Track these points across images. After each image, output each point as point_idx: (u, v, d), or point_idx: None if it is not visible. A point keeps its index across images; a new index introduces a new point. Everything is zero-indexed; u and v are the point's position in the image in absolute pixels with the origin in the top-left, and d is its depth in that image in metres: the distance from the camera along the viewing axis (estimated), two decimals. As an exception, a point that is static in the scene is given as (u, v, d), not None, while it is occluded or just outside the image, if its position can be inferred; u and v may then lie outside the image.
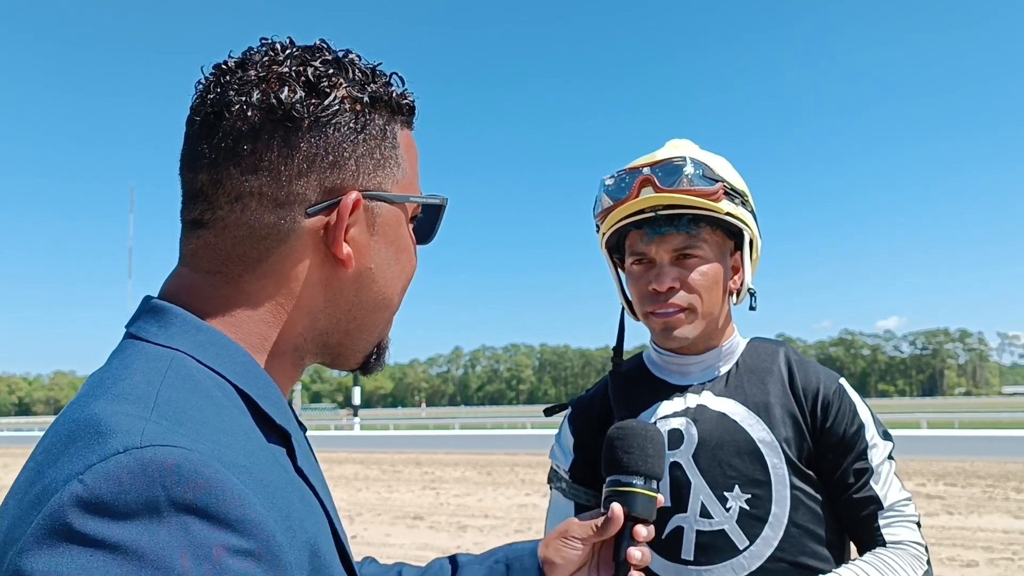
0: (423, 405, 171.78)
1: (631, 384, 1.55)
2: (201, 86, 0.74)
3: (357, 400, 40.14)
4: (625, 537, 1.10)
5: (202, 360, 0.67)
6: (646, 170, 1.42)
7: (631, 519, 1.11)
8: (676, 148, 1.50)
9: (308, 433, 0.88)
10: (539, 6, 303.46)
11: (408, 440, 25.00)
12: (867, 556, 1.35)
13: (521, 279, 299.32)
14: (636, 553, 1.08)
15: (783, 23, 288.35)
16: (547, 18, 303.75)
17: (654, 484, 1.15)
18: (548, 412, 1.66)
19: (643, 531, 1.10)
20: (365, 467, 17.60)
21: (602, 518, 1.11)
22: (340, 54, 0.77)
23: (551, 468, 1.62)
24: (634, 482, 1.14)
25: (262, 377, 0.71)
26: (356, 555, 1.12)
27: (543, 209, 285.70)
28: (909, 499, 1.42)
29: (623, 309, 1.60)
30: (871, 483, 1.39)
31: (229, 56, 0.75)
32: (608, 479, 1.17)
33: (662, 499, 1.16)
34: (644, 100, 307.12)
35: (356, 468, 17.33)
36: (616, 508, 1.11)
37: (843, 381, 1.48)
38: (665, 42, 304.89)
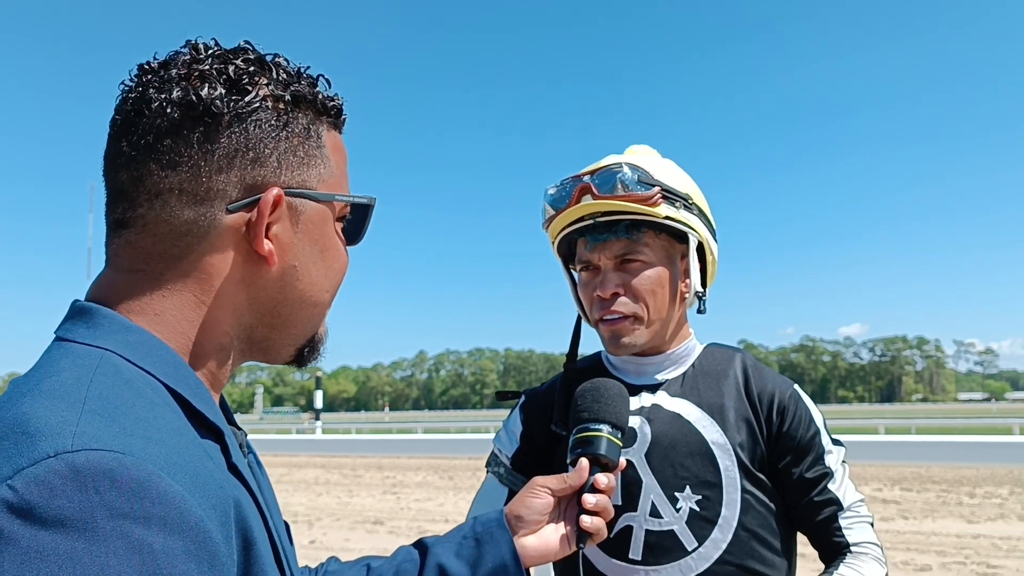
0: (387, 409, 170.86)
1: (587, 378, 1.52)
2: (125, 86, 0.74)
3: (319, 404, 39.74)
4: (587, 486, 1.15)
5: (131, 359, 0.66)
6: (586, 178, 1.44)
7: (596, 465, 1.17)
8: (631, 154, 1.50)
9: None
10: (502, 12, 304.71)
11: (370, 444, 24.82)
12: (841, 568, 1.36)
13: (486, 283, 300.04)
14: (591, 499, 1.13)
15: (741, 39, 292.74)
16: (510, 24, 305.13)
17: (619, 434, 1.22)
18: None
19: (603, 480, 1.15)
20: (326, 471, 17.43)
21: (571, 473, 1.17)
22: (266, 55, 0.77)
23: (491, 452, 1.61)
24: (601, 428, 1.20)
25: (191, 376, 0.71)
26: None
27: (510, 213, 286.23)
28: (863, 500, 1.45)
29: (579, 315, 1.60)
30: (829, 486, 1.41)
31: (154, 57, 0.75)
32: (575, 428, 1.23)
33: (624, 463, 1.23)
34: (616, 108, 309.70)
35: (317, 472, 17.15)
36: (583, 460, 1.16)
37: (797, 387, 1.49)
38: (633, 51, 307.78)
